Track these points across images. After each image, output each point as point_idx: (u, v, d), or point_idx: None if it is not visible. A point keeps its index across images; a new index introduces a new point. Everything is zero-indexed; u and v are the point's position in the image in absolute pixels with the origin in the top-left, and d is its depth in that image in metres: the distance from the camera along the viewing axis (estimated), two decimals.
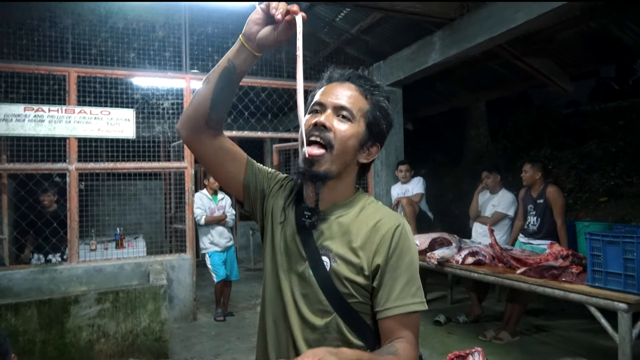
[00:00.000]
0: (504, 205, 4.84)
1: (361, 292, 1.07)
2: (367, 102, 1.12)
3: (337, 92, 1.11)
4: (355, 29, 5.92)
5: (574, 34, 5.25)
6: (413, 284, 1.06)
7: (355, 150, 1.11)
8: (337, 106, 1.10)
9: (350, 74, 1.15)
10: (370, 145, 1.14)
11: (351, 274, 1.06)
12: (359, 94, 1.12)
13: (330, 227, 1.11)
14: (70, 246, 4.85)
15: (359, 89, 1.13)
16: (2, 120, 4.58)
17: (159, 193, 8.31)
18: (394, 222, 1.09)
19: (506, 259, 3.69)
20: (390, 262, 1.05)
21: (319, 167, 1.06)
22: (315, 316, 1.09)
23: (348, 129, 1.08)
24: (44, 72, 4.78)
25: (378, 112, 1.13)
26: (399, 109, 6.38)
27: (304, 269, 1.11)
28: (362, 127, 1.11)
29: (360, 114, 1.10)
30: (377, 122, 1.13)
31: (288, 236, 1.16)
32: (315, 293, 1.09)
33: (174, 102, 5.40)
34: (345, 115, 1.09)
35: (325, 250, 1.09)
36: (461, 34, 4.76)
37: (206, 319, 5.39)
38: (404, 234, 1.08)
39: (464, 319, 4.92)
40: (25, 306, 3.73)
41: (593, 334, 4.41)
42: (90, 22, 5.22)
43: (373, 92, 1.14)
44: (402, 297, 1.04)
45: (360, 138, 1.11)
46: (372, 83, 1.15)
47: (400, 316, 1.04)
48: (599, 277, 2.92)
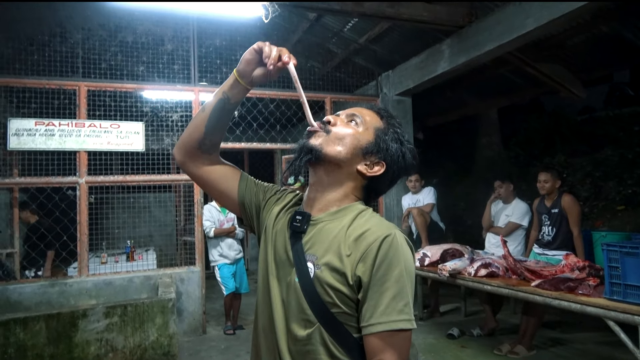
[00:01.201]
0: (518, 215, 4.73)
1: (346, 302, 1.01)
2: (381, 122, 1.16)
3: (354, 109, 1.18)
4: (364, 39, 5.91)
5: (586, 38, 5.16)
6: (401, 299, 0.98)
7: (354, 151, 1.11)
8: (349, 114, 1.16)
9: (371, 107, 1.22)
10: (374, 158, 1.13)
11: (335, 281, 1.01)
12: (375, 114, 1.17)
13: (320, 233, 1.09)
14: (80, 259, 4.85)
15: (377, 112, 1.19)
16: (13, 134, 4.63)
17: (170, 205, 8.34)
18: (382, 232, 1.02)
19: (520, 270, 3.59)
20: (376, 275, 0.99)
21: (314, 140, 1.10)
22: (299, 326, 1.05)
23: (353, 129, 1.13)
24: (55, 86, 4.83)
25: (391, 133, 1.15)
26: (408, 118, 6.33)
27: (291, 276, 1.08)
28: (369, 135, 1.13)
29: (372, 127, 1.14)
30: (386, 142, 1.14)
31: (280, 242, 1.15)
32: (299, 301, 1.05)
33: (183, 114, 5.41)
34: (355, 120, 1.14)
35: (311, 256, 1.06)
36: (470, 42, 4.71)
37: (216, 332, 5.34)
38: (394, 245, 1.00)
39: (478, 332, 4.80)
40: (34, 320, 3.73)
41: (612, 347, 4.26)
42: (100, 37, 5.28)
43: (389, 118, 1.18)
44: (388, 313, 0.97)
45: (362, 141, 1.12)
46: (390, 114, 1.21)
47: (384, 334, 0.96)
48: (617, 290, 2.81)
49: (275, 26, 5.87)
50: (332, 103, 6.12)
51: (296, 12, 5.50)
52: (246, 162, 10.65)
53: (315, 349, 1.03)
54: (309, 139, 1.11)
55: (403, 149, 1.17)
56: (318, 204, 1.13)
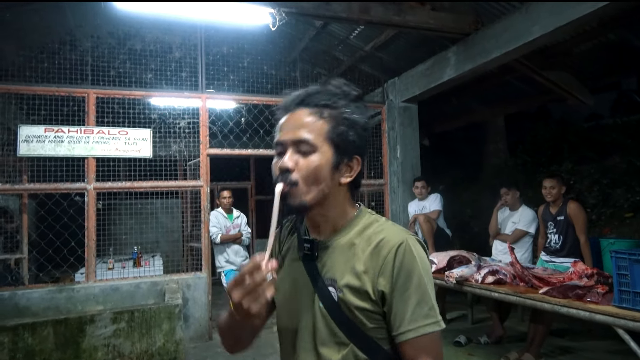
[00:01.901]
0: (525, 222, 4.71)
1: (373, 317, 1.03)
2: (325, 122, 1.04)
3: (292, 125, 1.05)
4: (370, 46, 5.94)
5: (593, 46, 5.17)
6: (425, 303, 1.00)
7: (329, 176, 1.04)
8: (294, 142, 1.03)
9: (302, 97, 1.07)
10: (347, 162, 1.07)
11: (359, 301, 1.02)
12: (314, 118, 1.04)
13: (333, 255, 1.08)
14: (88, 265, 4.88)
15: (314, 110, 1.05)
16: (23, 141, 4.69)
17: (177, 211, 8.37)
18: (396, 241, 1.02)
19: (528, 277, 3.57)
20: (397, 285, 1.00)
21: (292, 201, 1.03)
22: (332, 350, 1.04)
23: (311, 162, 1.02)
24: (64, 93, 4.90)
25: (342, 126, 1.04)
26: (414, 125, 6.34)
27: (315, 302, 1.08)
28: (328, 152, 1.03)
29: (321, 139, 1.03)
30: (344, 138, 1.04)
31: (295, 273, 1.13)
32: (329, 325, 1.05)
33: (190, 121, 5.45)
34: (304, 149, 1.03)
35: (331, 280, 1.05)
36: (476, 49, 4.72)
37: None
38: (408, 251, 1.01)
39: (485, 339, 4.76)
40: (41, 326, 3.75)
41: (622, 355, 4.20)
42: (109, 45, 5.35)
43: (332, 106, 1.05)
44: (415, 320, 0.99)
45: (329, 163, 1.03)
46: (328, 96, 1.06)
47: (415, 340, 0.99)
48: (626, 298, 2.79)
49: (281, 34, 5.92)
50: None
51: (303, 19, 5.55)
52: (252, 168, 10.69)
53: None
54: (286, 200, 1.03)
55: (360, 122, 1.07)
56: (322, 227, 1.11)
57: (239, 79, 5.76)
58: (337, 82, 1.10)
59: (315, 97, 1.06)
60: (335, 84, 1.10)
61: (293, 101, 1.08)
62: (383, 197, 6.38)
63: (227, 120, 5.53)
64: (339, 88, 1.09)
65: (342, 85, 1.10)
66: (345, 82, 1.11)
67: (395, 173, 6.27)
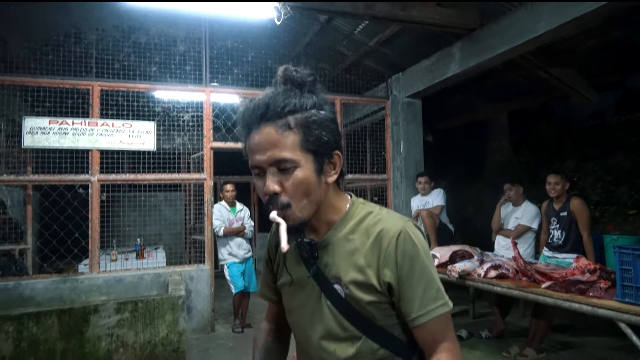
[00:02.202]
0: (528, 217, 4.72)
1: (382, 309, 1.04)
2: (295, 134, 0.97)
3: (262, 146, 0.97)
4: (374, 41, 5.93)
5: (598, 43, 5.15)
6: (431, 287, 1.01)
7: (317, 184, 1.01)
8: (271, 163, 0.98)
9: (262, 111, 0.98)
10: (328, 162, 1.04)
11: (366, 295, 1.03)
12: (282, 132, 0.96)
13: (333, 252, 1.07)
14: (92, 256, 4.91)
15: (279, 123, 0.97)
16: (28, 133, 4.71)
17: (180, 204, 8.40)
18: (395, 230, 1.02)
19: (530, 272, 3.58)
20: (402, 274, 1.01)
21: (291, 223, 1.00)
22: (347, 345, 1.06)
23: (296, 178, 0.98)
24: (69, 86, 4.91)
25: (314, 130, 0.98)
26: (418, 120, 6.34)
27: (321, 301, 1.08)
28: (308, 161, 0.99)
29: (298, 152, 0.97)
30: (319, 142, 0.99)
31: (299, 275, 1.13)
32: (338, 321, 1.06)
33: (194, 114, 5.46)
34: (284, 167, 0.97)
35: (335, 278, 1.06)
36: (481, 45, 4.72)
37: (224, 331, 5.37)
38: (407, 239, 1.01)
39: (486, 334, 4.78)
40: (46, 315, 3.77)
41: (625, 352, 4.22)
42: (114, 38, 5.36)
43: (296, 111, 0.98)
44: (425, 305, 1.00)
45: (313, 173, 1.00)
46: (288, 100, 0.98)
47: (427, 323, 1.01)
48: (629, 293, 2.80)
49: (286, 28, 5.92)
50: (341, 105, 6.15)
51: (307, 14, 5.54)
52: None
53: (369, 358, 1.05)
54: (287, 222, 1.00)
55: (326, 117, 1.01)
56: (317, 227, 1.10)
57: (243, 73, 5.76)
58: (288, 73, 1.02)
59: (275, 106, 0.97)
60: (287, 74, 1.02)
61: (254, 117, 0.99)
62: (386, 192, 6.39)
63: (231, 114, 5.53)
64: (293, 81, 1.01)
65: (293, 74, 1.02)
66: (293, 68, 1.03)
67: (399, 168, 6.27)
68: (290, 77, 1.01)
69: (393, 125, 6.35)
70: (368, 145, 6.75)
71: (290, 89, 1.01)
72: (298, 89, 1.01)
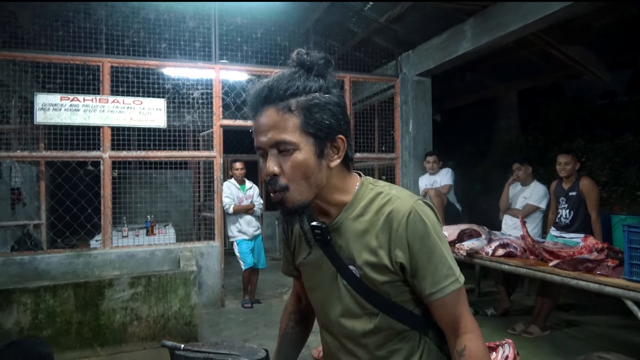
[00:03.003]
0: (536, 197, 4.74)
1: (396, 286, 1.07)
2: (296, 116, 0.98)
3: (263, 127, 1.00)
4: (384, 18, 5.86)
5: (614, 20, 5.07)
6: (442, 265, 1.03)
7: (317, 168, 1.01)
8: (272, 144, 0.99)
9: (265, 94, 1.00)
10: (331, 145, 1.04)
11: (380, 276, 1.06)
12: (284, 114, 0.98)
13: (345, 234, 1.09)
14: (104, 232, 5.00)
15: (281, 106, 0.98)
16: (40, 109, 4.74)
17: (188, 182, 8.47)
18: (405, 210, 1.03)
19: (538, 251, 3.62)
20: (414, 254, 1.03)
21: (290, 205, 1.02)
22: (365, 321, 1.10)
23: (294, 160, 0.99)
24: (79, 62, 4.91)
25: (315, 113, 0.99)
26: (427, 99, 6.31)
27: (338, 282, 1.12)
28: (309, 144, 0.99)
29: (297, 134, 0.98)
30: (320, 125, 0.99)
31: (314, 256, 1.16)
32: (356, 300, 1.10)
33: (204, 91, 5.46)
34: (284, 149, 0.99)
35: (349, 260, 1.09)
36: (494, 22, 4.66)
37: (234, 306, 5.48)
38: (417, 219, 1.02)
39: (492, 312, 4.86)
40: (62, 288, 3.88)
41: (627, 330, 4.29)
42: (124, 14, 5.32)
43: (298, 94, 0.99)
44: (437, 282, 1.03)
45: (313, 156, 1.00)
46: (291, 82, 0.99)
47: (441, 300, 1.04)
48: (637, 271, 2.83)
49: (295, 5, 5.84)
50: (351, 83, 6.12)
51: None
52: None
53: (385, 333, 1.10)
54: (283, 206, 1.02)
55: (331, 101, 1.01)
56: (327, 210, 1.11)
57: (252, 50, 5.73)
58: (298, 56, 1.02)
59: (278, 89, 0.99)
60: (299, 58, 1.02)
61: (257, 100, 1.01)
62: (394, 171, 6.41)
63: (240, 91, 5.52)
64: (302, 64, 1.01)
65: (304, 57, 1.02)
66: (305, 51, 1.03)
67: (407, 147, 6.28)
68: (301, 60, 1.02)
69: (402, 103, 6.32)
70: (376, 123, 6.73)
71: (297, 72, 1.01)
72: (306, 72, 1.01)
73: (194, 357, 1.51)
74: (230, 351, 1.50)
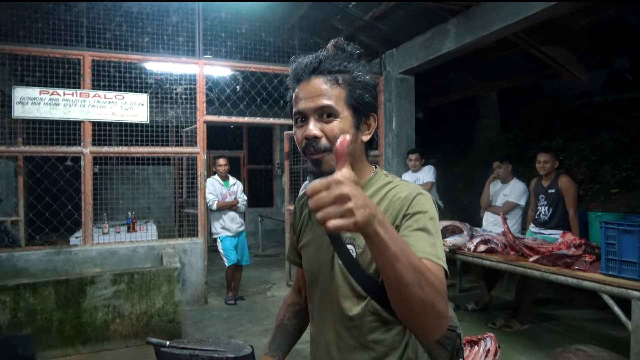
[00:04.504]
0: (516, 194, 4.84)
1: None
2: (342, 89, 1.07)
3: (310, 94, 1.07)
4: (369, 16, 5.88)
5: (591, 22, 5.19)
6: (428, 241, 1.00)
7: (354, 138, 1.09)
8: (316, 109, 1.06)
9: (314, 65, 1.08)
10: (365, 121, 1.12)
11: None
12: (331, 85, 1.07)
13: None
14: (85, 228, 4.92)
15: (329, 78, 1.07)
16: (18, 103, 4.63)
17: (169, 178, 8.38)
18: (411, 194, 1.07)
19: (519, 247, 3.71)
20: (409, 215, 1.04)
21: (326, 167, 1.06)
22: (353, 303, 1.12)
23: (336, 126, 1.05)
24: (59, 55, 4.81)
25: (358, 90, 1.08)
26: (411, 97, 6.37)
27: (335, 260, 1.15)
28: (349, 115, 1.07)
29: (341, 105, 1.06)
30: (361, 100, 1.09)
31: (316, 234, 1.21)
32: (347, 281, 1.12)
33: (187, 87, 5.41)
34: (328, 114, 1.06)
35: (349, 239, 1.11)
36: (477, 22, 4.73)
37: (217, 303, 5.46)
38: (421, 199, 1.06)
39: (472, 306, 4.96)
40: (43, 286, 3.81)
41: (602, 323, 4.43)
42: (105, 6, 5.23)
43: (345, 72, 1.09)
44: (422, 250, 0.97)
45: (352, 126, 1.08)
46: (339, 61, 1.09)
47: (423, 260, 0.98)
48: (613, 266, 2.93)
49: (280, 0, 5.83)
50: None
51: None
52: (245, 137, 10.68)
53: (370, 319, 1.11)
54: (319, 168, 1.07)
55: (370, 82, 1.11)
56: None
57: (237, 46, 5.70)
58: (340, 43, 1.13)
59: (327, 63, 1.08)
60: (339, 44, 1.13)
61: (305, 70, 1.09)
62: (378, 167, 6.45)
63: (224, 87, 5.49)
64: (345, 50, 1.12)
65: (344, 45, 1.13)
66: (346, 41, 1.14)
67: (390, 145, 6.33)
68: (342, 46, 1.12)
69: (386, 101, 6.37)
70: None
71: (341, 55, 1.11)
72: (349, 56, 1.11)
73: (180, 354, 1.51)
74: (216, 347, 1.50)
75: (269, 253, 8.92)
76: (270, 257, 8.47)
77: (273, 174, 10.80)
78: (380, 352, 1.10)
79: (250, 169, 10.75)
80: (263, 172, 10.96)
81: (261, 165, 10.90)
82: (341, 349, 1.15)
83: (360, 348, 1.12)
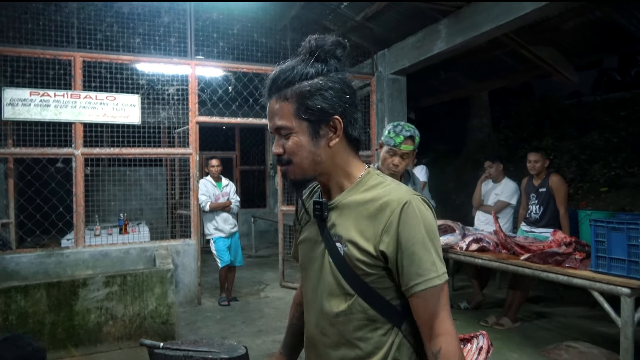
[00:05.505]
0: (507, 194, 4.88)
1: (375, 270, 1.10)
2: (290, 104, 1.10)
3: (269, 115, 1.15)
4: (360, 16, 5.91)
5: (580, 23, 5.26)
6: (427, 259, 1.05)
7: (313, 147, 1.11)
8: (274, 130, 1.14)
9: (270, 85, 1.13)
10: (327, 126, 1.11)
11: (361, 255, 1.09)
12: (281, 103, 1.11)
13: (341, 213, 1.15)
14: (77, 230, 4.88)
15: (280, 94, 1.11)
16: (8, 104, 4.59)
17: (161, 180, 8.35)
18: (401, 201, 1.08)
19: (510, 245, 3.75)
20: (400, 244, 1.06)
21: (292, 177, 1.15)
22: (340, 300, 1.14)
23: (291, 140, 1.11)
24: (50, 56, 4.77)
25: (308, 99, 1.09)
26: (403, 97, 6.40)
27: (325, 257, 1.17)
28: (304, 127, 1.10)
29: (292, 120, 1.10)
30: (312, 109, 1.09)
31: (312, 233, 1.23)
32: (336, 278, 1.14)
33: (179, 88, 5.40)
34: (284, 133, 1.12)
35: (338, 237, 1.13)
36: (467, 22, 4.76)
37: (210, 304, 5.45)
38: (411, 211, 1.06)
39: (465, 305, 5.00)
40: (34, 288, 3.78)
41: (592, 320, 4.48)
42: (96, 7, 5.20)
43: (292, 82, 1.10)
44: (420, 274, 1.05)
45: (307, 137, 1.11)
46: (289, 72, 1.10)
47: (422, 292, 1.05)
48: (602, 263, 2.97)
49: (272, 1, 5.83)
50: None
51: None
52: (237, 138, 10.65)
53: (357, 317, 1.13)
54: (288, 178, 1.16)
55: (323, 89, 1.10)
56: (331, 189, 1.19)
57: (229, 46, 5.69)
58: (305, 44, 1.12)
59: (278, 79, 1.11)
60: (305, 45, 1.12)
61: (266, 91, 1.15)
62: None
63: (217, 88, 5.48)
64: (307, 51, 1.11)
65: (309, 45, 1.11)
66: (315, 37, 1.12)
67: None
68: (306, 46, 1.12)
69: (378, 101, 6.40)
70: None
71: (301, 59, 1.12)
72: (310, 57, 1.10)
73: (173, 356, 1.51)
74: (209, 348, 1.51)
75: (262, 254, 8.91)
76: (264, 258, 8.46)
77: (266, 174, 10.79)
78: (366, 350, 1.12)
79: (243, 170, 10.74)
80: (256, 173, 10.95)
81: (254, 166, 10.89)
82: (326, 345, 1.18)
83: (346, 344, 1.14)
